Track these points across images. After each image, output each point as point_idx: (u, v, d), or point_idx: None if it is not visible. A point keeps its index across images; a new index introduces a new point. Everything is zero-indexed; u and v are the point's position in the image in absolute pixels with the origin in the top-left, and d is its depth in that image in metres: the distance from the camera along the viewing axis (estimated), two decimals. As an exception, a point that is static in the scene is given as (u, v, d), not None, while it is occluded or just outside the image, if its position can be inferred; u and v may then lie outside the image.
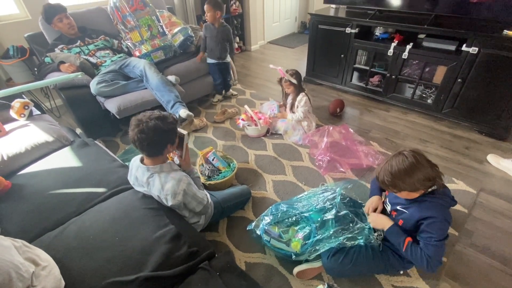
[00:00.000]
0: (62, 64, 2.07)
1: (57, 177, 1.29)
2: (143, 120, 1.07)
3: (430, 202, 1.03)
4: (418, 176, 0.97)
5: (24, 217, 1.13)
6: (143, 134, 1.05)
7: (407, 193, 1.02)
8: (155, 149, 1.13)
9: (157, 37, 2.34)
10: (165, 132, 1.11)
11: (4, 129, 1.44)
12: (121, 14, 2.24)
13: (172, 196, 1.12)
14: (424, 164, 0.97)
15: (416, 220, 1.05)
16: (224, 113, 2.53)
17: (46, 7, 2.13)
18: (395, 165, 0.98)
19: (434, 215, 1.00)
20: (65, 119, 2.66)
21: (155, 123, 1.07)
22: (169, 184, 1.13)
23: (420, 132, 2.29)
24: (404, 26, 2.29)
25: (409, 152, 0.99)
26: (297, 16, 5.00)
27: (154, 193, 1.18)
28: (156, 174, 1.15)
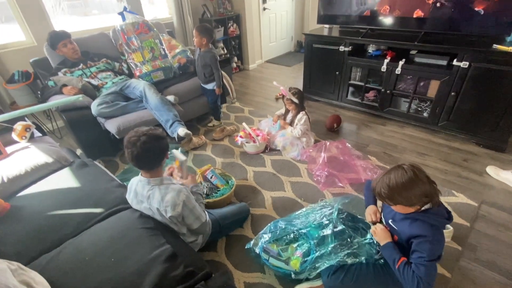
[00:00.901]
0: (64, 87, 2.14)
1: (56, 198, 1.30)
2: (135, 138, 1.11)
3: (422, 221, 1.00)
4: (416, 192, 0.95)
5: (21, 239, 1.12)
6: (137, 149, 1.09)
7: (402, 207, 1.01)
8: (151, 164, 1.17)
9: (159, 59, 2.42)
10: (158, 147, 1.15)
11: (6, 151, 1.46)
12: (126, 36, 2.33)
13: (171, 208, 1.14)
14: (423, 179, 0.96)
15: (407, 238, 1.03)
16: (223, 130, 2.57)
17: (52, 34, 2.23)
18: (393, 178, 0.97)
19: (424, 234, 0.98)
20: (66, 140, 2.69)
21: (147, 140, 1.10)
22: (169, 195, 1.16)
23: (418, 145, 2.30)
24: (395, 43, 2.37)
25: (408, 167, 0.98)
26: (293, 36, 5.18)
27: (153, 206, 1.19)
28: (156, 186, 1.19)
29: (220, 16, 3.75)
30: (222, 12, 3.80)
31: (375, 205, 1.30)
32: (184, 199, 1.18)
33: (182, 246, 1.11)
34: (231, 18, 3.91)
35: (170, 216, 1.17)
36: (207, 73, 2.43)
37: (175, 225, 1.24)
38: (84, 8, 7.17)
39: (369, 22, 2.58)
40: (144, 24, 2.40)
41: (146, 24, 2.42)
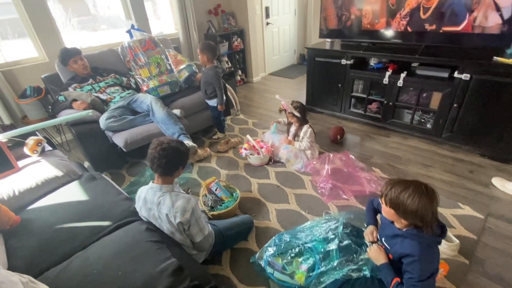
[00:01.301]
0: (74, 102, 2.21)
1: (65, 211, 1.33)
2: (164, 141, 1.24)
3: (411, 239, 1.00)
4: (432, 210, 0.94)
5: (31, 252, 1.15)
6: (164, 151, 1.20)
7: (394, 213, 1.00)
8: (170, 168, 1.24)
9: (165, 74, 2.50)
10: (182, 154, 1.27)
11: (18, 165, 1.51)
12: (133, 53, 2.42)
13: (181, 213, 1.20)
14: (434, 207, 0.95)
15: (398, 256, 1.03)
16: (227, 142, 2.60)
17: (63, 51, 2.32)
18: (416, 194, 0.95)
19: (413, 253, 0.97)
20: (74, 153, 2.75)
21: (176, 145, 1.25)
22: (179, 202, 1.22)
23: (422, 156, 2.30)
24: (396, 56, 2.42)
25: (431, 187, 0.97)
26: (296, 49, 5.28)
27: (163, 212, 1.23)
28: (167, 193, 1.25)
29: (225, 31, 3.86)
30: (227, 27, 3.92)
31: (374, 225, 1.30)
32: (193, 207, 1.24)
33: (188, 260, 1.12)
34: (235, 33, 4.02)
35: (178, 222, 1.21)
36: (209, 90, 2.48)
37: (181, 233, 1.27)
38: (93, 23, 7.42)
39: (370, 36, 2.64)
40: (150, 41, 2.49)
41: (153, 40, 2.51)
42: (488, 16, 1.97)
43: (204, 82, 2.49)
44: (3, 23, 4.25)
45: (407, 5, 2.28)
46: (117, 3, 3.13)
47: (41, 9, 2.52)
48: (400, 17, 2.36)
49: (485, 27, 2.01)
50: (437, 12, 2.16)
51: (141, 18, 3.19)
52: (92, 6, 7.81)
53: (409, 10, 2.29)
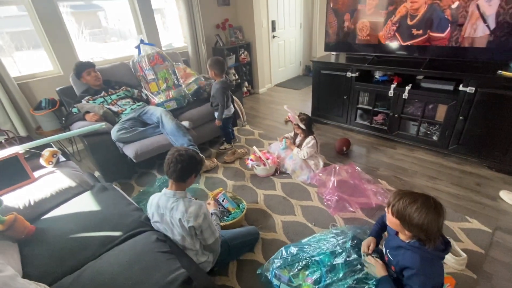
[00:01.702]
0: (87, 114, 2.29)
1: (78, 221, 1.37)
2: (182, 148, 1.34)
3: (413, 252, 1.00)
4: (439, 223, 0.95)
5: (45, 260, 1.19)
6: (181, 157, 1.29)
7: (399, 223, 1.01)
8: (184, 173, 1.31)
9: (172, 88, 2.57)
10: (197, 162, 1.36)
11: (34, 175, 1.57)
12: (142, 68, 2.52)
13: (194, 218, 1.26)
14: (440, 221, 0.95)
15: (400, 269, 1.04)
16: (234, 153, 2.64)
17: (78, 64, 2.43)
18: (421, 202, 0.97)
19: (413, 266, 0.98)
20: (85, 162, 2.82)
21: (192, 153, 1.34)
22: (193, 207, 1.28)
23: (429, 169, 2.30)
24: (401, 69, 2.45)
25: (439, 202, 0.98)
26: (301, 61, 5.37)
27: (176, 217, 1.28)
28: (181, 199, 1.31)
29: (232, 45, 3.97)
30: (234, 41, 4.03)
31: (375, 237, 1.31)
32: (205, 212, 1.30)
33: (197, 271, 1.14)
34: (242, 46, 4.13)
35: (190, 226, 1.26)
36: (214, 102, 2.56)
37: (192, 238, 1.31)
38: (104, 35, 7.68)
39: (375, 49, 2.69)
40: (158, 56, 2.58)
41: (161, 55, 2.60)
42: (492, 32, 2.01)
43: (211, 95, 2.57)
44: (18, 35, 4.44)
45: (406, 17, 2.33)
46: (128, 15, 3.25)
47: (56, 22, 2.64)
48: (402, 29, 2.41)
49: (489, 41, 2.04)
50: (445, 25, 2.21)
51: (152, 30, 3.31)
52: (103, 19, 8.11)
53: (399, 19, 2.34)
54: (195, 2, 3.40)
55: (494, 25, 1.98)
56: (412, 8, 2.30)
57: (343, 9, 2.74)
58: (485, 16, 1.99)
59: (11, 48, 4.30)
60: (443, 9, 2.16)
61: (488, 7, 1.97)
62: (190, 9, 3.40)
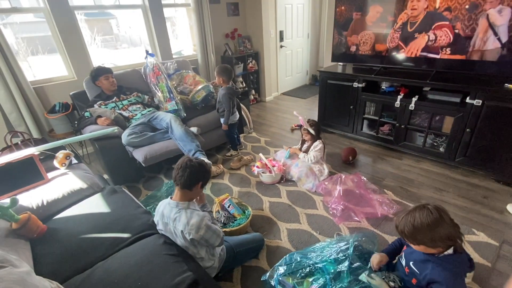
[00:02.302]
0: (99, 118, 2.36)
1: (88, 222, 1.41)
2: (193, 158, 1.38)
3: (444, 267, 1.01)
4: (441, 233, 0.97)
5: (56, 259, 1.22)
6: (190, 162, 1.33)
7: (425, 247, 1.02)
8: (191, 181, 1.32)
9: (167, 101, 2.60)
10: (204, 172, 1.37)
11: (47, 176, 1.62)
12: (149, 77, 2.59)
13: (195, 231, 1.25)
14: (447, 222, 0.98)
15: (427, 282, 1.04)
16: (240, 160, 2.68)
17: (97, 67, 2.53)
18: (418, 217, 0.99)
19: (444, 282, 0.98)
20: (94, 165, 2.88)
21: (201, 162, 1.37)
22: (194, 220, 1.28)
23: (435, 180, 2.29)
24: (407, 81, 2.47)
25: (434, 207, 1.00)
26: (308, 70, 5.43)
27: (178, 228, 1.28)
28: (183, 210, 1.31)
29: (241, 54, 4.06)
30: (243, 50, 4.12)
31: (388, 256, 1.29)
32: (207, 223, 1.30)
33: (203, 274, 1.16)
34: (250, 55, 4.21)
35: (191, 239, 1.26)
36: (221, 108, 2.63)
37: (195, 247, 1.33)
38: (115, 42, 7.91)
39: (382, 60, 2.72)
40: (157, 67, 2.63)
41: (159, 67, 2.65)
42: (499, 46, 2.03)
43: (218, 101, 2.63)
44: (34, 41, 4.59)
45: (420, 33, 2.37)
46: (139, 23, 3.36)
47: (73, 29, 2.74)
48: (409, 42, 2.45)
49: (497, 55, 2.06)
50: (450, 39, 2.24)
51: (163, 38, 3.40)
52: (115, 26, 8.34)
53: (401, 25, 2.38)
54: (206, 12, 3.50)
55: (506, 38, 1.99)
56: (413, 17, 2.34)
57: (349, 21, 2.80)
58: (495, 27, 2.01)
59: (27, 53, 4.45)
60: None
61: (499, 18, 1.98)
62: (201, 19, 3.50)
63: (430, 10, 2.27)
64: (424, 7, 2.29)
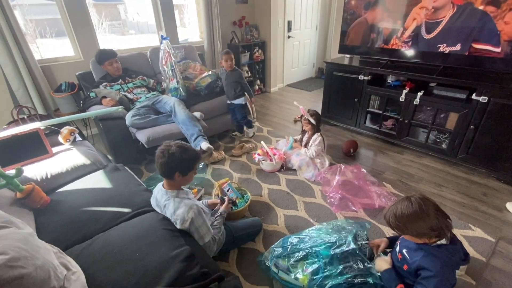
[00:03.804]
0: (104, 99, 2.38)
1: (90, 196, 1.44)
2: (169, 144, 1.31)
3: (435, 256, 1.01)
4: (420, 225, 0.98)
5: (58, 229, 1.26)
6: (162, 153, 1.28)
7: (411, 237, 1.05)
8: (166, 170, 1.29)
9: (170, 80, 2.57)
10: (179, 160, 1.28)
11: (52, 151, 1.66)
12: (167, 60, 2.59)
13: (180, 222, 1.26)
14: (429, 213, 0.98)
15: (416, 268, 1.05)
16: (242, 147, 2.69)
17: (101, 51, 2.52)
18: (399, 209, 1.02)
19: (433, 269, 0.99)
20: (98, 146, 2.91)
21: (175, 150, 1.28)
22: (180, 210, 1.27)
23: (435, 176, 2.29)
24: (414, 75, 2.45)
25: (416, 199, 1.01)
26: (315, 63, 5.38)
27: (167, 215, 1.31)
28: (172, 198, 1.31)
29: (247, 42, 4.03)
30: (249, 38, 4.09)
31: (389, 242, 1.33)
32: (192, 216, 1.26)
33: (199, 249, 1.19)
34: (257, 44, 4.18)
35: (179, 229, 1.26)
36: (238, 88, 2.72)
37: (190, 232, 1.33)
38: (122, 28, 7.86)
39: (389, 54, 2.69)
40: (168, 52, 2.56)
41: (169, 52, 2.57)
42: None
43: (231, 82, 2.70)
44: (42, 23, 4.60)
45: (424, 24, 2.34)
46: (147, 9, 3.34)
47: (82, 12, 2.75)
48: (420, 36, 2.41)
49: (506, 52, 2.03)
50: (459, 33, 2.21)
51: (170, 25, 3.39)
52: (123, 12, 8.27)
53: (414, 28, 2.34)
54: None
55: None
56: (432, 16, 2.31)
57: (359, 13, 2.76)
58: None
59: (35, 34, 4.46)
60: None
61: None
62: (209, 5, 3.47)
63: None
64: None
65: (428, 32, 2.35)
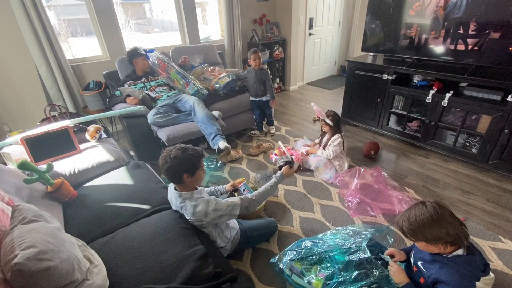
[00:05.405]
0: (128, 97, 2.48)
1: (113, 192, 1.52)
2: (170, 149, 1.29)
3: (452, 268, 0.96)
4: (436, 231, 0.94)
5: (83, 222, 1.34)
6: (164, 160, 1.26)
7: (425, 244, 0.99)
8: (173, 175, 1.27)
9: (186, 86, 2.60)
10: (182, 161, 1.25)
11: (79, 148, 1.76)
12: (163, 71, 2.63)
13: (204, 216, 1.27)
14: (445, 219, 0.93)
15: (433, 282, 1.00)
16: (259, 147, 2.70)
17: (135, 47, 2.64)
18: (413, 214, 0.98)
19: (451, 282, 0.94)
20: (122, 142, 3.05)
21: (176, 153, 1.25)
22: (199, 207, 1.28)
23: (463, 182, 2.16)
24: (443, 75, 2.31)
25: (431, 203, 0.97)
26: (337, 60, 5.24)
27: (188, 216, 1.32)
28: (187, 200, 1.31)
29: (268, 40, 4.00)
30: (270, 36, 4.06)
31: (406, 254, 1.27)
32: (213, 207, 1.28)
33: (214, 250, 1.22)
34: (277, 42, 4.14)
35: (194, 228, 1.28)
36: (264, 86, 2.78)
37: (209, 231, 1.36)
38: (147, 26, 8.11)
39: (416, 52, 2.56)
40: (160, 60, 2.58)
41: (162, 59, 2.59)
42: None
43: (258, 80, 2.76)
44: (74, 22, 4.85)
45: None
46: (171, 8, 3.42)
47: (109, 12, 2.87)
48: (449, 32, 2.27)
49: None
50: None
51: (192, 23, 3.45)
52: (148, 10, 8.55)
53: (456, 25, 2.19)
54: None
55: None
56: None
57: (386, 8, 2.64)
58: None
59: (67, 33, 4.71)
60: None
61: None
62: (230, 3, 3.48)
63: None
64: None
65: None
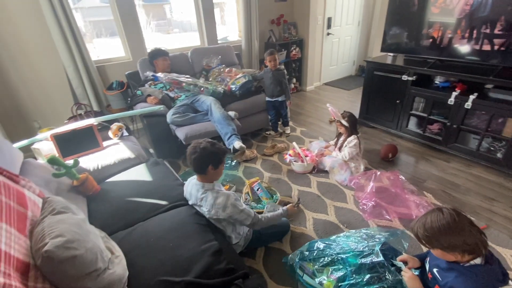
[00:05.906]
0: (148, 97, 2.58)
1: (133, 187, 1.59)
2: (199, 141, 1.38)
3: (469, 277, 0.93)
4: (452, 239, 0.91)
5: (106, 215, 1.42)
6: (194, 149, 1.34)
7: (441, 252, 0.97)
8: (199, 166, 1.35)
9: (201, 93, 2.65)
10: (210, 153, 1.34)
11: (103, 145, 1.86)
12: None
13: (222, 209, 1.32)
14: (463, 227, 0.91)
15: None
16: (274, 147, 2.71)
17: (156, 48, 2.76)
18: (429, 220, 0.95)
19: None
20: (142, 140, 3.17)
21: (206, 145, 1.35)
22: (220, 199, 1.34)
23: (486, 188, 2.07)
24: (467, 76, 2.22)
25: (448, 210, 0.94)
26: (355, 60, 5.15)
27: (204, 210, 1.37)
28: (209, 191, 1.38)
29: (285, 41, 4.00)
30: (287, 36, 4.06)
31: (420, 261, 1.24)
32: (232, 202, 1.34)
33: (227, 246, 1.25)
34: (295, 42, 4.13)
35: (218, 218, 1.34)
36: (281, 87, 2.81)
37: (222, 226, 1.40)
38: (167, 27, 8.32)
39: (439, 52, 2.47)
40: (171, 80, 2.62)
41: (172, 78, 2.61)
42: None
43: (275, 80, 2.78)
44: (99, 24, 5.07)
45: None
46: (190, 8, 3.50)
47: (131, 14, 2.98)
48: (473, 32, 2.18)
49: None
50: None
51: (210, 24, 3.52)
52: (168, 11, 8.73)
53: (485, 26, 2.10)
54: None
55: None
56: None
57: (407, 6, 2.57)
58: None
59: (93, 35, 4.94)
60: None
61: None
62: (248, 4, 3.52)
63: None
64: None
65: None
